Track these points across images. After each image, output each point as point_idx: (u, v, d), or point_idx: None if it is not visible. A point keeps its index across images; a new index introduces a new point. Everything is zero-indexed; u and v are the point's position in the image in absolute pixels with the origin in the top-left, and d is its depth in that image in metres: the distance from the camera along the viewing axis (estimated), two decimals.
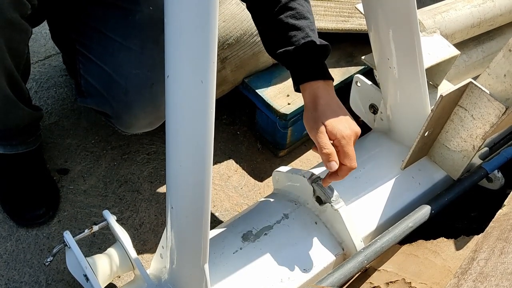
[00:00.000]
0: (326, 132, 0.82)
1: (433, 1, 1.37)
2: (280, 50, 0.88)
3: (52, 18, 1.18)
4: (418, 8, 0.89)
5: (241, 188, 1.28)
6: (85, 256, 0.84)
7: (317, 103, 0.85)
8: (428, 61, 1.09)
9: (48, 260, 0.89)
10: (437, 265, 0.91)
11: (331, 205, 0.90)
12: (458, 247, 0.94)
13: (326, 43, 0.89)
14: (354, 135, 0.84)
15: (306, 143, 1.40)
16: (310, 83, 0.87)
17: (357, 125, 0.86)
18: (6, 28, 0.86)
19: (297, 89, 0.90)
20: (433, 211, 0.97)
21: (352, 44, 1.42)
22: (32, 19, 0.92)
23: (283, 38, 0.88)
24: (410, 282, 0.88)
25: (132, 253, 0.87)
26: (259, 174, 1.32)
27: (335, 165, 0.81)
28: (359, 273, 0.94)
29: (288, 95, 1.27)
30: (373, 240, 0.91)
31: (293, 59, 0.88)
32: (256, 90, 1.28)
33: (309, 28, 0.88)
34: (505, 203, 0.92)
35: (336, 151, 0.82)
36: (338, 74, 1.34)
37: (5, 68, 0.92)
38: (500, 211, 0.90)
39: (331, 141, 0.82)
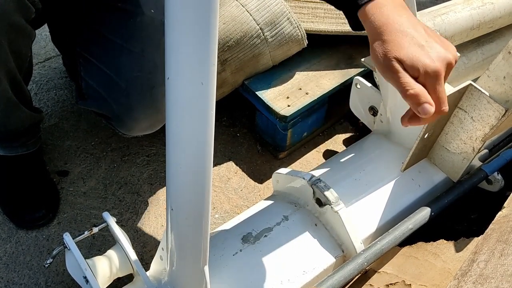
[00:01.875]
0: (405, 69, 0.63)
1: (433, 3, 1.37)
2: None
3: (53, 20, 1.18)
4: (417, 10, 0.89)
5: (241, 190, 1.28)
6: (85, 258, 0.84)
7: (385, 30, 0.64)
8: None
9: (48, 262, 0.89)
10: (437, 267, 0.91)
11: (331, 207, 0.90)
12: (458, 249, 0.94)
13: None
14: (445, 66, 0.64)
15: (306, 145, 1.41)
16: (370, 6, 0.66)
17: (451, 47, 0.65)
18: (10, 32, 0.86)
19: (354, 26, 0.69)
20: (433, 213, 0.97)
21: (352, 46, 1.42)
22: (33, 22, 0.92)
23: None
24: (410, 284, 0.88)
25: (132, 255, 0.87)
26: (259, 176, 1.32)
27: (429, 108, 0.62)
28: (359, 275, 0.94)
29: (288, 97, 1.27)
30: (373, 242, 0.91)
31: None
32: (256, 92, 1.28)
33: None
34: (505, 205, 0.92)
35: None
36: (338, 76, 1.34)
37: (8, 71, 0.92)
38: (500, 213, 0.90)
39: (415, 78, 0.63)
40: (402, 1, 0.67)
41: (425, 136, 0.99)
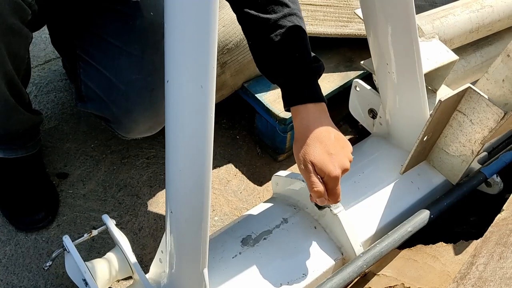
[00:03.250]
0: (315, 170, 0.80)
1: (432, 6, 1.38)
2: (270, 69, 0.86)
3: (52, 23, 1.18)
4: (416, 14, 0.90)
5: (241, 192, 1.28)
6: (84, 261, 0.84)
7: (307, 136, 0.81)
8: (427, 66, 1.09)
9: (47, 264, 0.89)
10: (436, 269, 0.91)
11: (330, 210, 0.90)
12: (457, 252, 0.94)
13: (320, 62, 0.86)
14: (342, 171, 0.82)
15: None
16: (299, 108, 0.84)
17: (348, 157, 0.83)
18: (6, 34, 0.86)
19: (287, 110, 0.87)
20: (432, 216, 0.97)
21: (351, 49, 1.42)
22: (32, 24, 0.92)
23: (274, 57, 0.84)
24: (410, 287, 0.88)
25: (131, 257, 0.87)
26: (259, 178, 1.33)
27: (324, 201, 0.82)
28: (358, 277, 0.94)
29: None
30: (372, 245, 0.91)
31: (282, 78, 0.85)
32: (256, 95, 1.28)
33: (301, 48, 0.84)
34: (504, 207, 0.92)
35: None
36: (337, 79, 1.34)
37: (5, 74, 0.92)
38: (499, 215, 0.90)
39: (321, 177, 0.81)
40: (324, 107, 0.86)
41: (424, 139, 0.99)
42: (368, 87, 1.16)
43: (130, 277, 0.92)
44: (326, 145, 0.81)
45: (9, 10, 0.83)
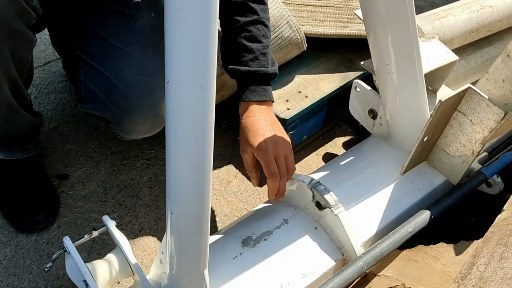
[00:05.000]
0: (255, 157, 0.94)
1: (432, 7, 1.38)
2: (230, 67, 0.98)
3: (52, 24, 1.18)
4: (416, 14, 0.90)
5: (241, 193, 1.28)
6: (85, 262, 0.84)
7: (243, 122, 0.95)
8: (427, 66, 1.09)
9: (48, 266, 0.89)
10: (437, 270, 0.91)
11: (331, 210, 0.90)
12: (457, 252, 0.94)
13: (273, 68, 0.98)
14: (272, 148, 0.91)
15: (305, 148, 1.41)
16: (245, 103, 0.96)
17: (282, 138, 0.94)
18: (11, 38, 0.86)
19: (237, 104, 0.98)
20: (432, 216, 0.97)
21: (351, 50, 1.43)
22: (34, 27, 0.92)
23: (235, 56, 0.97)
24: (410, 287, 0.88)
25: (132, 258, 0.87)
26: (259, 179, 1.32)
27: (255, 183, 0.98)
28: (359, 278, 0.94)
29: (287, 100, 1.27)
30: (373, 245, 0.91)
31: (238, 77, 0.98)
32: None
33: (259, 52, 0.96)
34: (504, 208, 0.92)
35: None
36: (337, 80, 1.34)
37: (9, 77, 0.93)
38: (499, 216, 0.90)
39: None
40: (265, 106, 0.97)
41: (425, 139, 0.99)
42: (368, 87, 1.16)
43: (130, 278, 0.92)
44: (255, 133, 0.93)
45: (14, 14, 0.83)
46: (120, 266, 0.88)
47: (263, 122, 0.95)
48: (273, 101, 0.99)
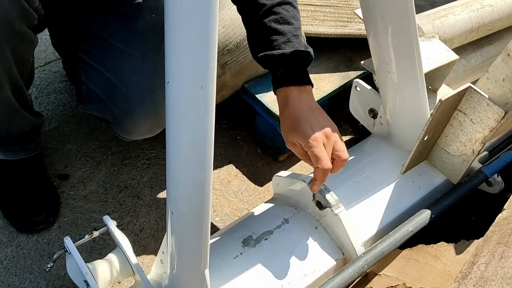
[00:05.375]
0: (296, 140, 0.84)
1: (432, 6, 1.38)
2: (261, 54, 0.88)
3: (53, 24, 1.18)
4: (416, 13, 0.90)
5: (241, 193, 1.28)
6: (86, 262, 0.84)
7: (284, 110, 0.86)
8: (427, 65, 1.09)
9: (49, 266, 0.89)
10: (438, 269, 0.91)
11: (331, 210, 0.90)
12: (458, 252, 0.94)
13: (308, 50, 0.88)
14: (321, 137, 0.82)
15: None
16: (283, 89, 0.87)
17: (329, 123, 0.84)
18: (13, 38, 0.86)
19: (275, 93, 0.90)
20: (433, 216, 0.97)
21: (351, 49, 1.42)
22: (35, 27, 0.93)
23: (265, 42, 0.87)
24: (411, 287, 0.88)
25: (133, 258, 0.87)
26: (259, 179, 1.33)
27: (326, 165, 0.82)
28: (360, 278, 0.94)
29: None
30: (373, 245, 0.91)
31: (272, 63, 0.87)
32: (256, 95, 1.28)
33: (291, 34, 0.87)
34: (505, 207, 0.92)
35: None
36: (337, 79, 1.34)
37: (10, 77, 0.93)
38: (500, 215, 0.90)
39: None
40: (307, 88, 0.87)
41: (425, 139, 0.99)
42: (369, 87, 1.16)
43: (131, 278, 0.92)
44: (299, 116, 0.84)
45: (16, 15, 0.83)
46: (121, 266, 0.89)
47: (307, 108, 0.85)
48: (313, 86, 0.90)
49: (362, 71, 1.36)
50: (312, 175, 1.00)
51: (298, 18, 0.90)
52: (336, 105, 1.38)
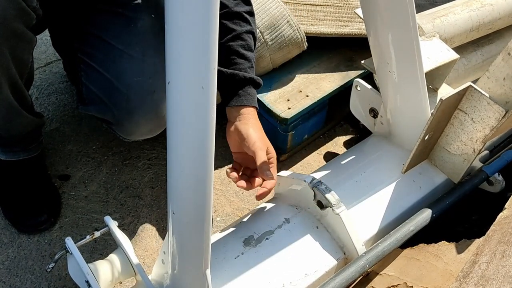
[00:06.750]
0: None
1: (432, 5, 1.38)
2: (230, 71, 0.98)
3: (53, 25, 1.18)
4: (417, 13, 0.90)
5: (242, 192, 1.28)
6: (87, 262, 0.84)
7: (254, 126, 0.97)
8: (428, 65, 1.09)
9: (50, 266, 0.89)
10: (439, 268, 0.91)
11: (332, 210, 0.90)
12: (459, 251, 0.94)
13: (260, 79, 1.01)
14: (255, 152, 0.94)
15: (306, 147, 1.41)
16: (243, 107, 0.98)
17: (265, 144, 0.96)
18: (11, 38, 0.86)
19: (230, 107, 0.99)
20: (434, 215, 0.97)
21: (352, 49, 1.42)
22: (35, 27, 0.93)
23: (230, 62, 0.98)
24: (412, 286, 0.88)
25: (134, 258, 0.87)
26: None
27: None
28: (361, 277, 0.94)
29: (288, 100, 1.27)
30: (374, 244, 0.91)
31: (235, 82, 0.98)
32: (257, 95, 1.28)
33: (253, 61, 1.02)
34: (506, 206, 0.92)
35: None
36: (338, 79, 1.34)
37: (9, 78, 0.93)
38: (501, 214, 0.90)
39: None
40: (251, 111, 0.99)
41: (426, 138, 0.99)
42: (369, 86, 1.16)
43: (133, 279, 0.93)
44: (239, 136, 0.97)
45: (14, 14, 0.83)
46: (122, 266, 0.89)
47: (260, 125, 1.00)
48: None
49: (363, 71, 1.36)
50: (313, 174, 1.00)
51: (253, 47, 1.04)
52: (337, 105, 1.38)
